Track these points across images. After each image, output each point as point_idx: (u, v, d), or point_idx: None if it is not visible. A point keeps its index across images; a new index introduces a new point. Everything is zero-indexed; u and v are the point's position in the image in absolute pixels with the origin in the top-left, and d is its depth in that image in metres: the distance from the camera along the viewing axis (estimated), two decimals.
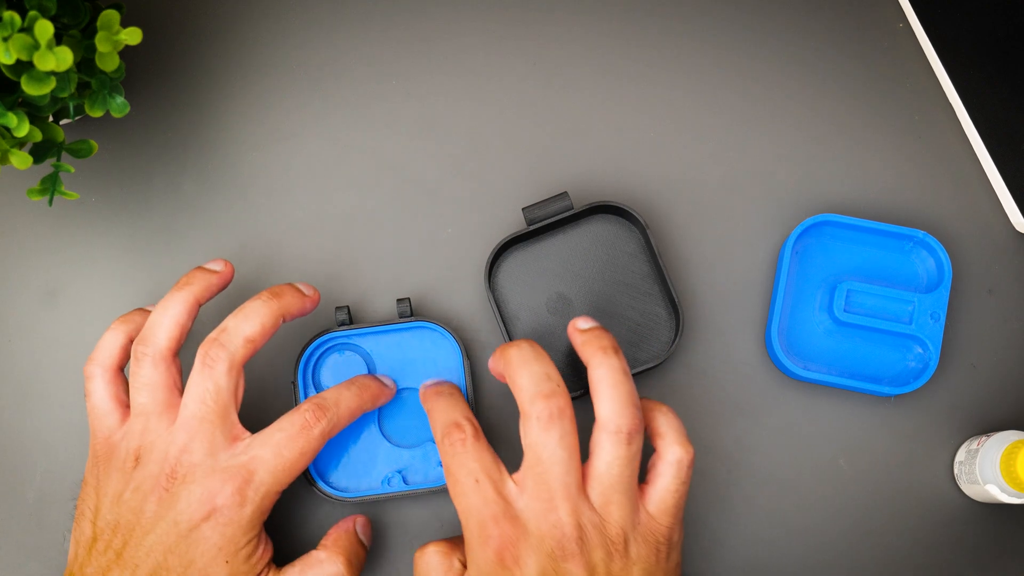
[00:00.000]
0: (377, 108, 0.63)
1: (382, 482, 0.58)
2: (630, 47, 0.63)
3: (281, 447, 0.52)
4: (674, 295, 0.58)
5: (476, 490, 0.50)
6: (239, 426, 0.53)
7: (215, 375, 0.52)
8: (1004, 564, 0.59)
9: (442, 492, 0.58)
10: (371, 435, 0.59)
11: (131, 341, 0.55)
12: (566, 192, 0.60)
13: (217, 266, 0.56)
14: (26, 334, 0.61)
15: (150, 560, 0.51)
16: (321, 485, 0.58)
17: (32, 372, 0.61)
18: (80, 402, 0.60)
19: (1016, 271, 0.61)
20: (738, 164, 0.62)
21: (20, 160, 0.50)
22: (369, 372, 0.59)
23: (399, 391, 0.59)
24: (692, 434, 0.60)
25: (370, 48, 0.63)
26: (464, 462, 0.50)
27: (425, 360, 0.59)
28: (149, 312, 0.56)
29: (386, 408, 0.59)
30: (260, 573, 0.53)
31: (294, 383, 0.58)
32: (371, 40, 0.63)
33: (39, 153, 0.53)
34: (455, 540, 0.54)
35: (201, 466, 0.51)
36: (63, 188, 0.54)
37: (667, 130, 0.63)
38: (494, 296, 0.60)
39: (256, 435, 0.53)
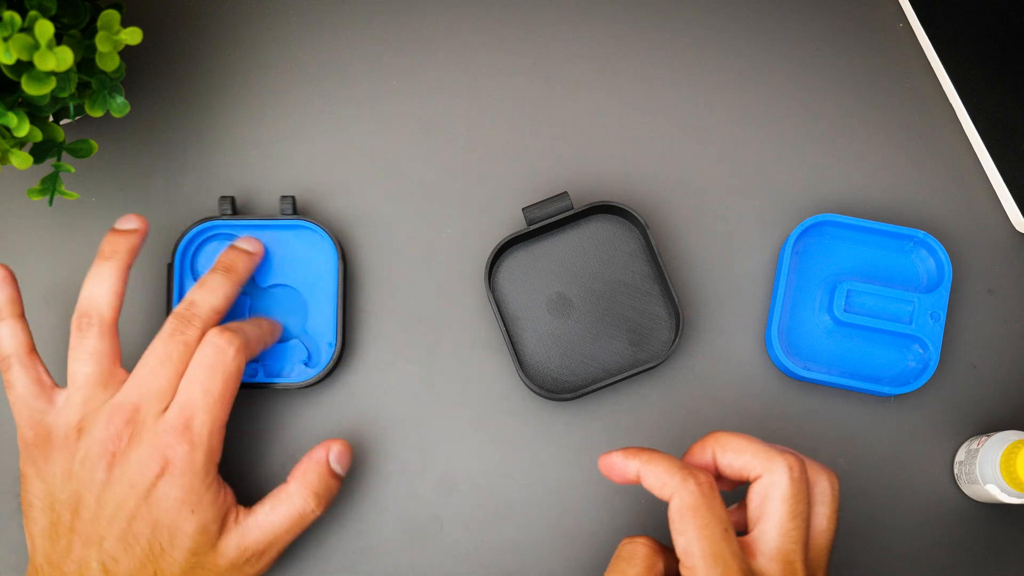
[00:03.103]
0: (377, 108, 0.63)
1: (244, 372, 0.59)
2: (630, 47, 0.63)
3: (204, 381, 0.52)
4: (674, 295, 0.58)
5: (725, 539, 0.46)
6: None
7: (187, 339, 0.53)
8: (1004, 564, 0.59)
9: (298, 389, 0.59)
10: None
11: (23, 319, 0.55)
12: (566, 192, 0.60)
13: (132, 224, 0.56)
14: None
15: (114, 529, 0.51)
16: None
17: None
18: None
19: (1016, 271, 0.61)
20: (738, 164, 0.62)
21: (20, 160, 0.50)
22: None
23: (271, 287, 0.60)
24: (692, 433, 0.60)
25: (370, 48, 0.63)
26: (714, 506, 0.47)
27: (304, 259, 0.60)
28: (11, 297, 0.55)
29: (257, 303, 0.60)
30: (227, 514, 0.53)
31: (170, 265, 0.59)
32: (371, 40, 0.63)
33: (39, 153, 0.53)
34: (665, 548, 0.50)
35: (146, 426, 0.52)
36: (63, 188, 0.54)
37: (667, 130, 0.63)
38: (494, 296, 0.60)
39: (181, 381, 0.53)
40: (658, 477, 0.48)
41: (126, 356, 0.61)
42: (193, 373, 0.53)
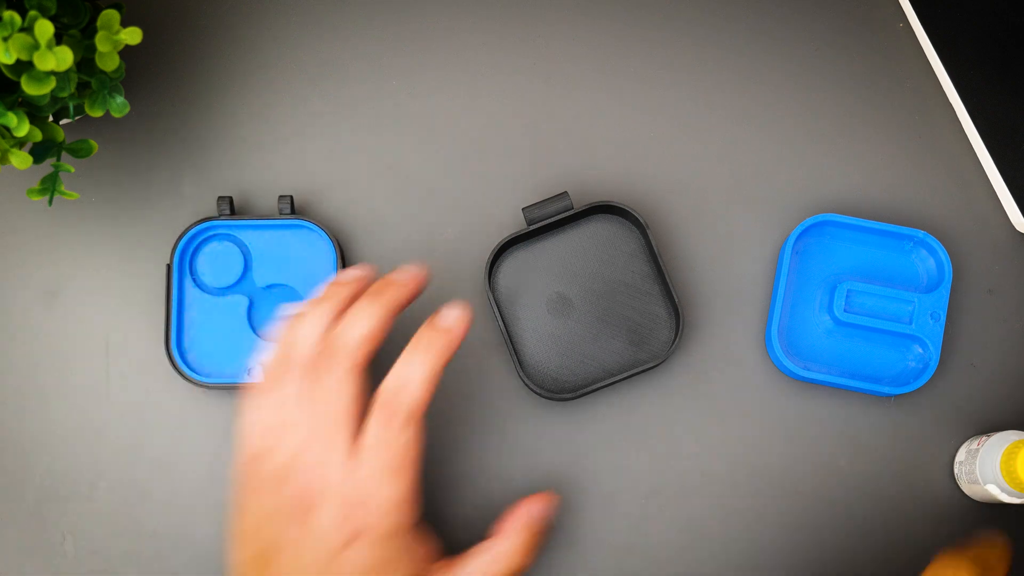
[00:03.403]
0: (377, 108, 0.63)
1: (244, 372, 0.59)
2: (630, 47, 0.63)
3: (384, 460, 0.50)
4: (674, 295, 0.58)
5: None
6: (358, 429, 0.51)
7: (335, 379, 0.50)
8: None
9: None
10: (238, 325, 0.60)
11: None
12: (566, 192, 0.60)
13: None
14: (26, 334, 0.61)
15: None
16: (182, 367, 0.59)
17: (32, 372, 0.61)
18: (80, 402, 0.60)
19: (1016, 271, 0.61)
20: (738, 164, 0.62)
21: (20, 160, 0.50)
22: (245, 263, 0.60)
23: (270, 287, 0.60)
24: (691, 433, 0.60)
25: (370, 48, 0.63)
26: None
27: (302, 259, 0.60)
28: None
29: (257, 301, 0.60)
30: (425, 571, 0.51)
31: (169, 266, 0.59)
32: (371, 40, 0.63)
33: (39, 153, 0.53)
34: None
35: (332, 485, 0.49)
36: (63, 188, 0.54)
37: (667, 130, 0.63)
38: (494, 296, 0.60)
39: (359, 454, 0.50)
40: None
41: (121, 364, 0.61)
42: (369, 454, 0.50)
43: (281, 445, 0.51)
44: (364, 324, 0.51)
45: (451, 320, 0.52)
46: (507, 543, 0.53)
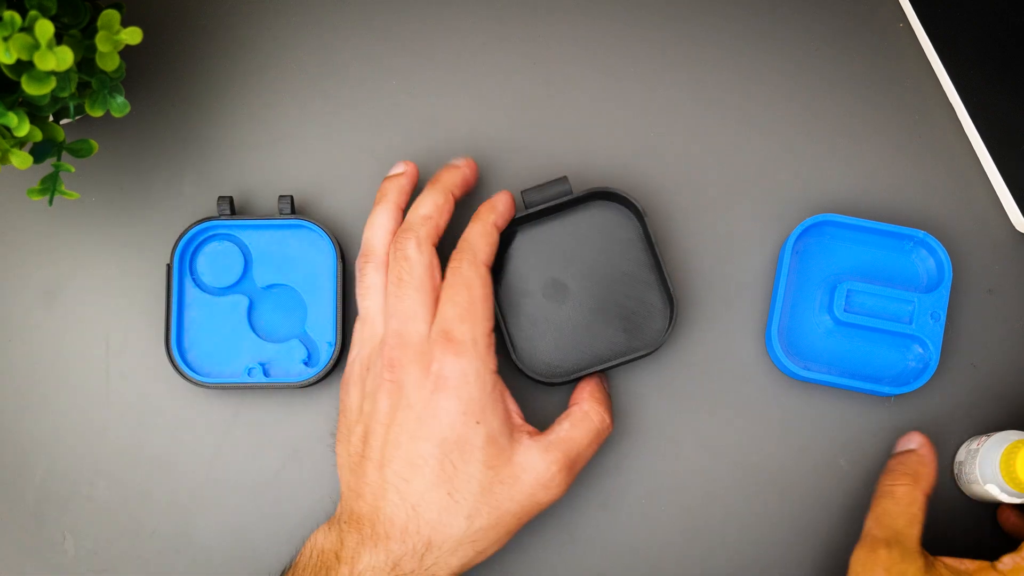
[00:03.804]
0: (377, 107, 0.63)
1: (244, 372, 0.59)
2: (631, 47, 0.63)
3: (452, 297, 0.53)
4: (669, 283, 0.58)
5: None
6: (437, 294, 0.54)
7: (407, 252, 0.54)
8: None
9: (298, 388, 0.59)
10: (238, 325, 0.60)
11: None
12: (565, 176, 0.60)
13: (400, 168, 0.59)
14: (26, 334, 0.61)
15: (400, 452, 0.52)
16: (182, 367, 0.59)
17: (32, 372, 0.61)
18: (80, 402, 0.60)
19: (1016, 271, 0.61)
20: (738, 164, 0.62)
21: (20, 160, 0.50)
22: (246, 263, 0.60)
23: (270, 287, 0.60)
24: (692, 433, 0.60)
25: (370, 47, 0.63)
26: None
27: (302, 259, 0.60)
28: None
29: (257, 301, 0.60)
30: (515, 429, 0.53)
31: (169, 266, 0.59)
32: (371, 39, 0.63)
33: (39, 153, 0.53)
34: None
35: (413, 347, 0.52)
36: (63, 188, 0.54)
37: (667, 131, 0.63)
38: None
39: (442, 291, 0.54)
40: None
41: (121, 364, 0.61)
42: (442, 294, 0.54)
43: (368, 338, 0.55)
44: (427, 204, 0.56)
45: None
46: (586, 406, 0.55)
